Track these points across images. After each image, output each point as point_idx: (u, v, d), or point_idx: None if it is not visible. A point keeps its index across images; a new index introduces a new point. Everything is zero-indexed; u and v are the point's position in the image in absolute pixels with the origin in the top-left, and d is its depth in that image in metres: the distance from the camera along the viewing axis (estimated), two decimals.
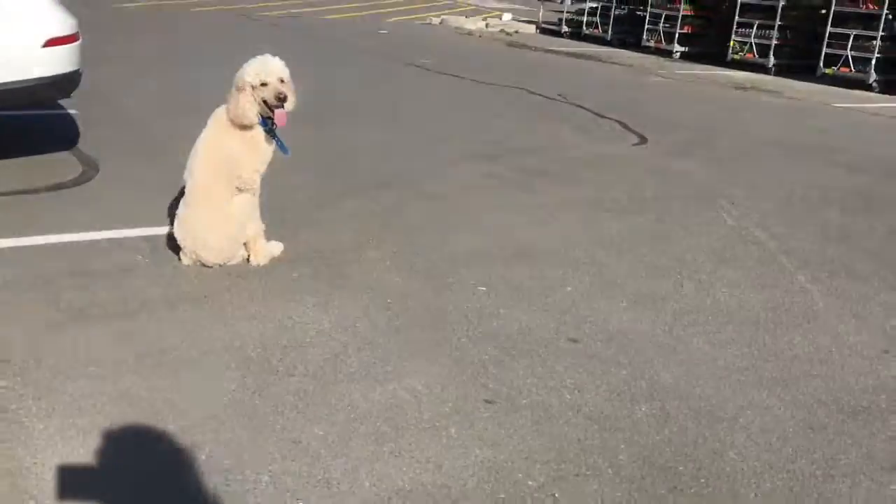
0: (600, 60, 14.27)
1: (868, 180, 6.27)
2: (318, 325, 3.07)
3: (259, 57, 3.48)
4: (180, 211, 3.52)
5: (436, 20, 19.45)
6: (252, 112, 3.41)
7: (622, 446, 2.40)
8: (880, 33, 12.36)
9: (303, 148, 4.25)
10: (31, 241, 3.67)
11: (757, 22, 14.13)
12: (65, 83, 4.42)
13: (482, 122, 7.44)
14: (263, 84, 3.41)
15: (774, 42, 13.88)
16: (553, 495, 2.16)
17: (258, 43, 12.41)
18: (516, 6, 27.79)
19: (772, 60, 13.88)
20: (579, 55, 14.91)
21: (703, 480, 2.27)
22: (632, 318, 3.35)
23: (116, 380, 2.56)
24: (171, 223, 3.65)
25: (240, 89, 3.43)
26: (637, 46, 16.41)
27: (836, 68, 12.91)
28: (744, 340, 3.22)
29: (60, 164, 4.90)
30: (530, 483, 2.20)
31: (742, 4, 14.27)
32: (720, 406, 2.69)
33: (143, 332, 2.90)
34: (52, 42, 4.26)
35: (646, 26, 16.26)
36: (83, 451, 2.20)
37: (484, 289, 3.55)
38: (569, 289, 3.62)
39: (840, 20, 12.91)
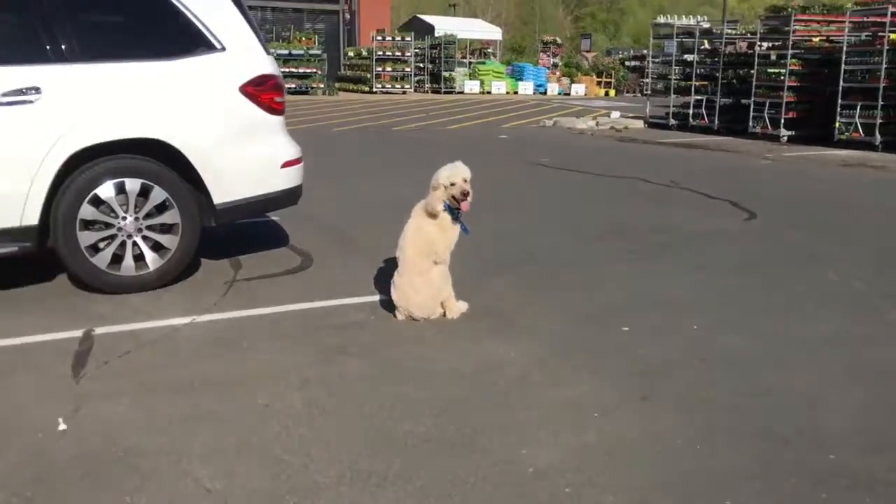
0: (708, 149, 15.23)
1: None
2: (507, 355, 4.17)
3: (449, 164, 4.72)
4: (395, 279, 4.74)
5: (549, 122, 20.93)
6: (439, 205, 4.64)
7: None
8: None
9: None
10: (285, 308, 4.97)
11: (860, 103, 14.84)
12: (294, 195, 5.83)
13: (605, 208, 8.54)
14: (452, 184, 4.64)
15: (879, 121, 14.52)
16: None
17: (405, 154, 14.15)
18: (622, 104, 29.16)
19: (878, 138, 14.49)
20: (688, 145, 15.92)
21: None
22: (751, 347, 4.29)
23: (362, 395, 3.73)
24: (380, 293, 4.91)
25: (435, 188, 4.67)
26: (744, 133, 17.28)
27: None
28: (846, 360, 4.10)
29: (283, 256, 6.28)
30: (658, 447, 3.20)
31: (844, 88, 15.04)
32: (820, 396, 3.59)
33: (390, 360, 4.08)
34: (286, 164, 5.69)
35: (751, 114, 17.15)
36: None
37: (627, 328, 4.58)
38: (696, 327, 4.60)
39: None
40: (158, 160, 5.22)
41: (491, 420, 3.40)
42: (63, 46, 5.00)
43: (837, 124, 15.24)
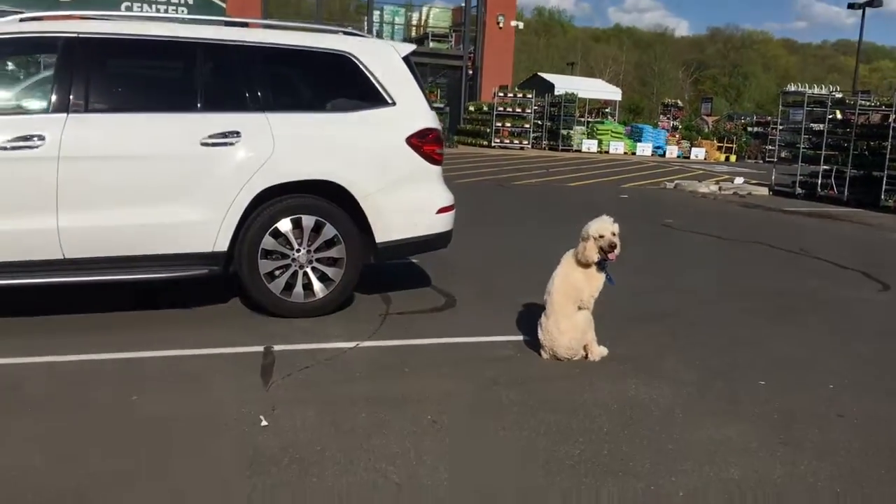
0: (838, 219, 15.03)
1: None
2: (649, 396, 4.48)
3: (598, 218, 5.10)
4: (542, 321, 5.14)
5: (670, 185, 21.02)
6: (594, 255, 5.03)
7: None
8: None
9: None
10: (437, 340, 5.44)
11: None
12: (446, 238, 6.35)
13: (732, 272, 8.70)
14: (601, 236, 5.03)
15: None
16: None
17: (529, 207, 14.45)
18: (745, 170, 28.86)
19: None
20: (816, 214, 15.75)
21: None
22: (888, 407, 4.46)
23: (518, 419, 4.11)
24: (522, 333, 5.35)
25: (585, 240, 5.07)
26: (875, 206, 16.92)
27: None
28: None
29: (428, 295, 6.79)
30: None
31: None
32: None
33: (540, 392, 4.47)
34: (441, 210, 6.23)
35: (884, 186, 16.81)
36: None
37: (763, 383, 4.81)
38: (831, 386, 4.79)
39: None
40: (331, 200, 5.85)
41: (640, 450, 3.73)
42: (260, 97, 5.72)
43: None
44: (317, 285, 5.86)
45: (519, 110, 36.18)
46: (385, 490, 3.23)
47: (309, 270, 5.83)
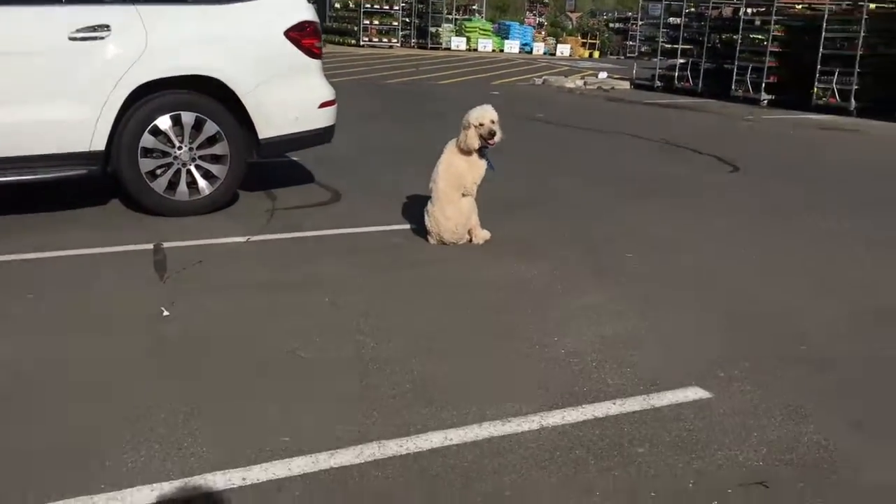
0: (693, 110, 15.91)
1: None
2: (530, 272, 4.84)
3: (479, 107, 5.30)
4: (428, 208, 5.36)
5: (538, 81, 21.45)
6: (475, 142, 5.25)
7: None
8: None
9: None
10: (328, 231, 5.59)
11: (838, 70, 15.56)
12: (329, 133, 6.41)
13: (598, 160, 9.21)
14: (481, 124, 5.25)
15: (855, 87, 15.26)
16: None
17: (402, 105, 14.55)
18: (608, 65, 29.68)
19: (853, 104, 15.24)
20: (673, 105, 16.59)
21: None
22: (736, 269, 5.00)
23: (412, 297, 4.39)
24: (409, 222, 5.60)
25: (466, 128, 5.27)
26: (726, 96, 17.96)
27: None
28: (816, 278, 4.83)
29: (312, 191, 6.88)
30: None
31: (823, 55, 15.74)
32: (794, 305, 4.32)
33: (431, 273, 4.74)
34: (323, 104, 6.27)
35: (734, 77, 17.82)
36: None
37: (631, 255, 5.27)
38: (690, 255, 5.30)
39: None
40: (211, 97, 5.78)
41: (524, 317, 4.08)
42: None
43: (815, 90, 15.97)
44: (201, 183, 5.84)
45: (387, 7, 35.46)
46: (292, 364, 3.43)
47: (192, 168, 5.79)
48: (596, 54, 41.02)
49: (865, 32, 15.09)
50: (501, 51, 37.86)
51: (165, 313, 3.96)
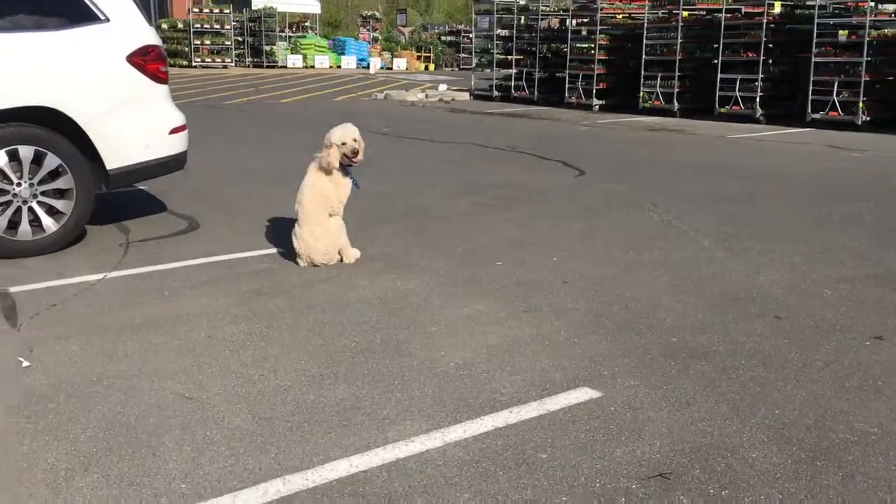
0: (532, 118, 16.51)
1: (751, 185, 8.40)
2: (406, 287, 4.85)
3: (341, 125, 5.28)
4: (296, 230, 5.26)
5: (380, 95, 21.57)
6: (336, 161, 5.21)
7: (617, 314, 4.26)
8: (760, 76, 14.91)
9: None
10: (190, 262, 5.36)
11: (660, 74, 16.62)
12: (181, 160, 6.16)
13: (453, 171, 9.37)
14: (343, 143, 5.22)
15: (676, 90, 16.36)
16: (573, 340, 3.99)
17: (246, 127, 14.31)
18: (445, 77, 30.28)
19: (676, 105, 16.33)
20: (513, 114, 17.15)
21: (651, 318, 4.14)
22: (600, 270, 5.23)
23: (292, 324, 4.31)
24: (275, 245, 5.49)
25: (328, 147, 5.23)
26: (560, 103, 18.77)
27: (729, 107, 15.40)
28: (673, 274, 5.13)
29: (167, 220, 6.59)
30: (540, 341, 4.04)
31: (646, 61, 16.77)
32: (658, 301, 4.56)
33: (306, 297, 4.65)
34: (174, 130, 6.02)
35: (566, 85, 18.65)
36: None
37: (500, 263, 5.39)
38: (555, 259, 5.49)
39: (727, 67, 15.45)
40: (51, 128, 5.42)
41: (408, 334, 4.08)
42: None
43: (641, 94, 16.98)
44: (46, 220, 5.47)
45: (217, 27, 34.59)
46: (178, 406, 3.27)
47: (34, 205, 5.42)
48: (431, 67, 41.75)
49: (682, 38, 16.21)
50: (339, 67, 37.80)
51: (25, 363, 3.67)
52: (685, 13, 16.49)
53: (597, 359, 3.75)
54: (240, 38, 36.43)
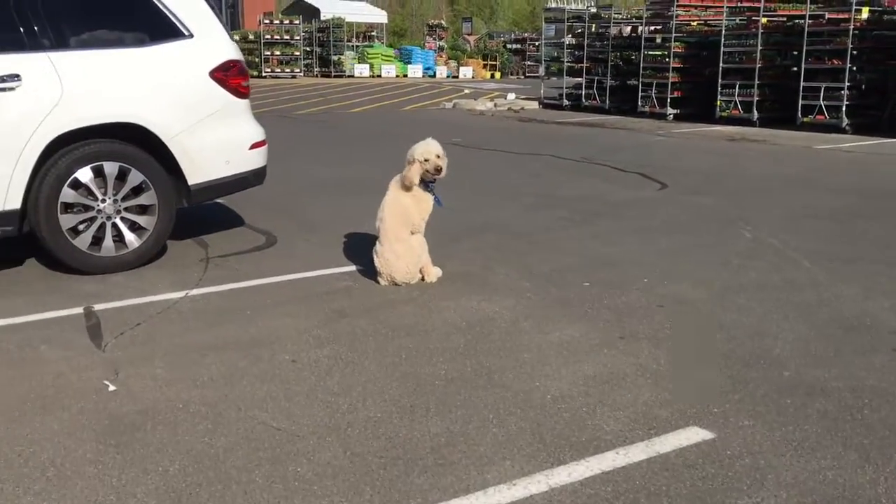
0: (604, 127, 16.18)
1: (848, 200, 7.97)
2: (492, 310, 4.67)
3: (423, 141, 5.12)
4: (377, 248, 5.13)
5: (448, 105, 21.49)
6: (417, 178, 5.06)
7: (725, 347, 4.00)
8: (846, 84, 14.31)
9: None
10: (270, 280, 5.28)
11: (738, 82, 16.11)
12: (261, 175, 6.10)
13: (529, 183, 9.15)
14: (426, 160, 5.07)
15: (756, 99, 15.83)
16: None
17: (319, 137, 14.29)
18: (512, 86, 30.07)
19: (755, 115, 15.79)
20: (585, 124, 16.84)
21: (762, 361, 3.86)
22: (695, 293, 4.96)
23: (377, 348, 4.16)
24: (354, 263, 5.39)
25: (410, 163, 5.08)
26: (633, 112, 18.38)
27: (812, 116, 14.81)
28: (775, 298, 4.82)
29: (245, 235, 6.55)
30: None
31: (724, 69, 16.28)
32: (763, 328, 4.28)
33: (390, 319, 4.50)
34: (254, 146, 5.97)
35: (639, 94, 18.26)
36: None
37: (588, 284, 5.17)
38: (646, 280, 5.24)
39: (810, 75, 14.87)
40: (135, 144, 5.41)
41: (499, 361, 3.89)
42: (40, 36, 5.11)
43: (719, 102, 16.49)
44: (129, 236, 5.45)
45: (287, 37, 35.08)
46: (266, 438, 3.15)
47: (118, 221, 5.41)
48: (497, 75, 41.61)
49: (762, 46, 15.68)
50: (405, 76, 37.95)
51: (112, 388, 3.60)
52: (764, 20, 15.96)
53: (704, 394, 3.50)
54: (308, 49, 36.89)
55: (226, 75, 5.73)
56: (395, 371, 3.79)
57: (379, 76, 36.85)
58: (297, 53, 35.62)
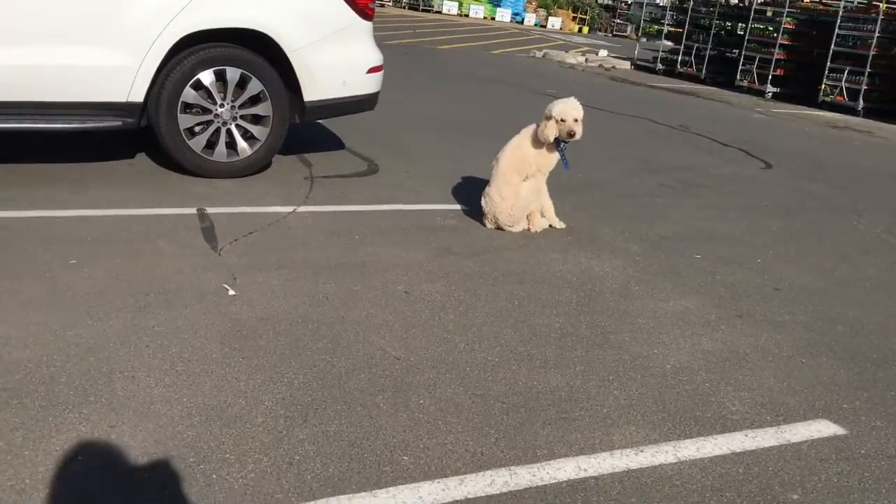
0: (700, 96, 15.69)
1: None
2: (602, 269, 4.56)
3: (564, 99, 4.97)
4: (487, 189, 5.05)
5: (538, 53, 21.05)
6: (552, 136, 4.92)
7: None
8: None
9: None
10: (376, 207, 5.25)
11: (847, 68, 15.42)
12: (374, 100, 6.03)
13: (629, 145, 8.92)
14: (563, 120, 4.91)
15: (864, 87, 15.15)
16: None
17: (407, 69, 13.95)
18: (601, 42, 29.32)
19: (861, 104, 15.13)
20: (680, 91, 16.35)
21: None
22: (812, 281, 4.78)
23: (489, 291, 4.10)
24: (459, 203, 5.32)
25: (547, 118, 4.94)
26: (729, 85, 17.77)
27: None
28: (892, 301, 4.63)
29: (347, 159, 6.51)
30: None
31: (834, 52, 15.58)
32: (887, 328, 4.11)
33: (498, 263, 4.44)
34: (371, 70, 5.88)
35: (740, 67, 17.62)
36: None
37: (699, 256, 5.02)
38: (759, 260, 5.07)
39: None
40: (258, 53, 5.36)
41: (614, 323, 3.80)
42: None
43: (823, 86, 15.83)
44: (241, 144, 5.45)
45: None
46: (387, 365, 3.13)
47: (233, 127, 5.40)
48: (585, 30, 40.68)
49: (879, 33, 14.95)
50: (493, 18, 37.28)
51: (231, 292, 3.62)
52: (883, 5, 15.17)
53: (832, 387, 3.37)
54: None
55: None
56: (508, 317, 3.73)
57: (466, 16, 36.27)
58: None
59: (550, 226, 5.17)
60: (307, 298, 3.66)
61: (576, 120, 4.84)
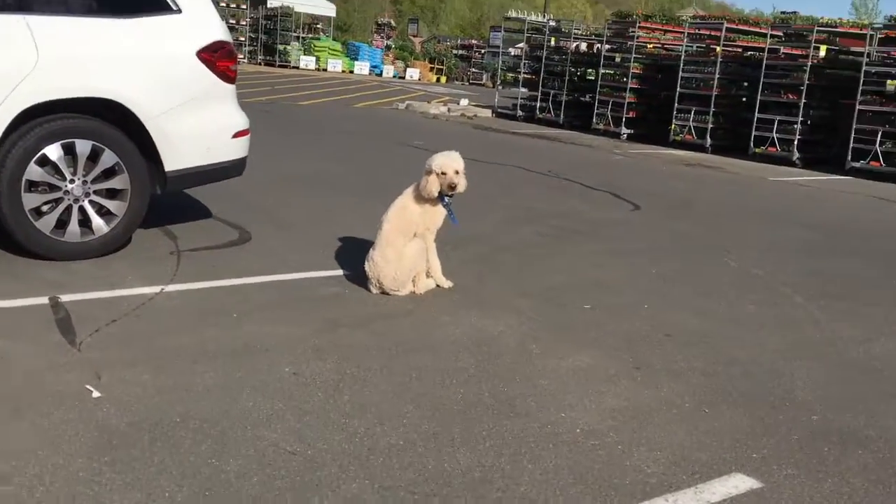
0: (561, 141, 16.15)
1: (818, 236, 8.04)
2: (495, 328, 4.42)
3: (444, 153, 4.86)
4: (371, 252, 4.84)
5: (401, 105, 21.18)
6: (435, 190, 4.79)
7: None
8: (800, 119, 14.61)
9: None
10: (251, 280, 4.92)
11: (694, 108, 16.29)
12: (241, 166, 5.72)
13: (503, 195, 8.93)
14: (444, 173, 4.79)
15: (710, 126, 16.04)
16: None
17: (269, 128, 13.69)
18: (460, 91, 29.94)
19: (708, 141, 16.00)
20: (542, 136, 16.78)
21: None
22: (700, 324, 4.82)
23: (384, 365, 3.88)
24: (341, 268, 5.10)
25: (428, 173, 4.81)
26: (586, 129, 18.42)
27: (764, 148, 15.08)
28: (780, 335, 4.72)
29: (216, 228, 6.15)
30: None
31: (680, 94, 16.45)
32: (777, 367, 4.16)
33: (389, 332, 4.21)
34: (237, 134, 5.58)
35: (595, 111, 18.31)
36: None
37: (588, 306, 4.98)
38: (646, 306, 5.08)
39: (765, 107, 15.13)
40: (111, 123, 4.99)
41: (517, 388, 3.65)
42: None
43: (673, 126, 16.64)
44: (96, 221, 5.02)
45: (233, 22, 34.18)
46: (281, 463, 2.83)
47: (86, 204, 4.98)
48: (443, 79, 41.47)
49: (719, 74, 15.90)
50: (352, 72, 37.46)
51: (96, 394, 3.22)
52: (719, 49, 16.17)
53: (738, 437, 3.33)
54: (253, 35, 36.05)
55: (214, 57, 5.35)
56: (407, 392, 3.51)
57: (325, 70, 36.25)
58: (242, 39, 34.76)
59: (437, 286, 5.01)
60: (184, 393, 3.31)
61: (457, 172, 4.74)
